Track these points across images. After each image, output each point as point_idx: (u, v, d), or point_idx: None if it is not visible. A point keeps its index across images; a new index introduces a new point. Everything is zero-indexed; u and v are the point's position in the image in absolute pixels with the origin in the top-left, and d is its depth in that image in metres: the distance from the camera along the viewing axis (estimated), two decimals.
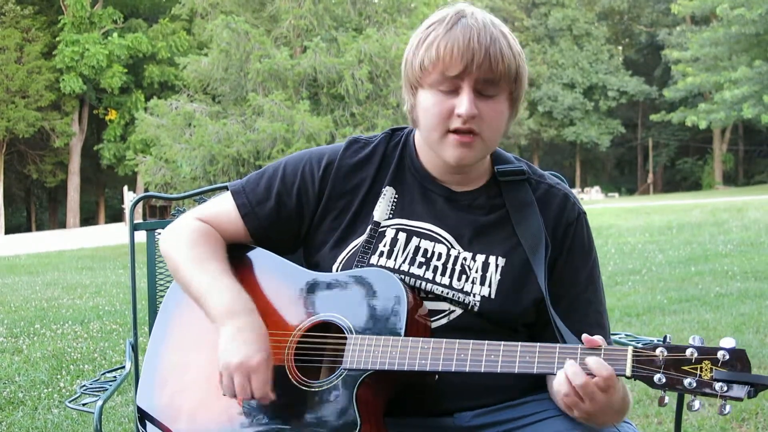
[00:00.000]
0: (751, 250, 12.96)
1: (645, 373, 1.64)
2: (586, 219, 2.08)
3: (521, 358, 1.73)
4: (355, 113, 20.12)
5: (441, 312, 1.96)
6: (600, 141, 61.35)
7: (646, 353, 1.64)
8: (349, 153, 2.09)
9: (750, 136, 63.22)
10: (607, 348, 1.69)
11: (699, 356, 1.60)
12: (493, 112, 1.90)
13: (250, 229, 2.10)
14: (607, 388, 1.66)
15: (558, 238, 2.01)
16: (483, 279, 1.95)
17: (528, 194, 2.04)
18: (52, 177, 46.70)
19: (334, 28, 21.41)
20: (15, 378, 6.08)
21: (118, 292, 11.25)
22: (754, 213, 20.59)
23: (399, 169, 2.07)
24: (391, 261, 1.98)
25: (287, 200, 2.07)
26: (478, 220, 2.02)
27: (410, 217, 2.03)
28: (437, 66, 1.86)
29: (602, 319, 2.02)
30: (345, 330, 1.89)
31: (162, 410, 2.02)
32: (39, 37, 42.10)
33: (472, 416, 1.97)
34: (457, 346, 1.78)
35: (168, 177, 20.07)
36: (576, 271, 2.02)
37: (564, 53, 62.41)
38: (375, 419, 1.85)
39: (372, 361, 1.82)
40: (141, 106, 37.79)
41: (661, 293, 9.15)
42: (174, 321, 2.14)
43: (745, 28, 44.06)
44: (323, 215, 2.06)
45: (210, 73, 20.77)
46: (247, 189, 2.11)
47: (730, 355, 1.58)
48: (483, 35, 1.84)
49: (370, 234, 2.00)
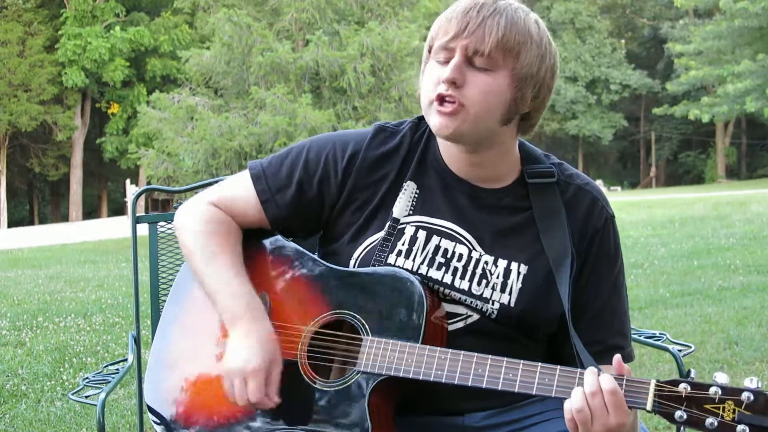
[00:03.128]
0: (753, 243, 12.95)
1: (666, 409, 1.59)
2: (614, 223, 2.00)
3: (540, 380, 1.69)
4: (358, 107, 20.10)
5: (458, 315, 1.91)
6: (602, 135, 61.27)
7: (669, 388, 1.59)
8: (375, 143, 2.00)
9: (753, 129, 63.10)
10: (629, 379, 1.64)
11: (723, 396, 1.56)
12: (483, 85, 1.79)
13: (269, 216, 2.02)
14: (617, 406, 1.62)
15: (584, 245, 1.93)
16: (504, 286, 1.89)
17: (556, 199, 1.95)
18: (55, 170, 46.71)
19: (336, 22, 21.38)
20: (18, 371, 6.09)
21: (121, 285, 11.26)
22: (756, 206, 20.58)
23: (421, 163, 1.99)
24: (409, 261, 1.92)
25: (308, 189, 1.99)
26: (502, 222, 1.94)
27: (432, 214, 1.95)
28: (440, 32, 1.82)
29: (624, 328, 1.96)
30: (360, 330, 1.86)
31: (170, 395, 2.00)
32: (41, 31, 42.08)
33: (482, 417, 1.94)
34: (476, 360, 1.74)
35: (170, 170, 20.07)
36: (601, 278, 1.95)
37: (566, 46, 62.26)
38: (386, 423, 1.83)
39: (387, 366, 1.79)
40: (143, 99, 37.80)
41: (664, 287, 9.14)
42: (184, 306, 2.10)
43: (749, 21, 43.96)
44: (344, 207, 1.99)
45: (212, 67, 20.75)
46: (268, 173, 2.02)
47: (755, 396, 1.54)
48: (489, 6, 1.78)
49: (388, 231, 1.94)
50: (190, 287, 2.08)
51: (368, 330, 1.85)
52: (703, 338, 6.42)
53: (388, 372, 1.79)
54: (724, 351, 6.03)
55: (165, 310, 2.14)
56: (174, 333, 2.08)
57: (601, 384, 1.62)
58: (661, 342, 2.69)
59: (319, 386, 1.85)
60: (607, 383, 1.62)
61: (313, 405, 1.84)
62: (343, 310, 1.90)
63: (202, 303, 2.02)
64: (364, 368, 1.81)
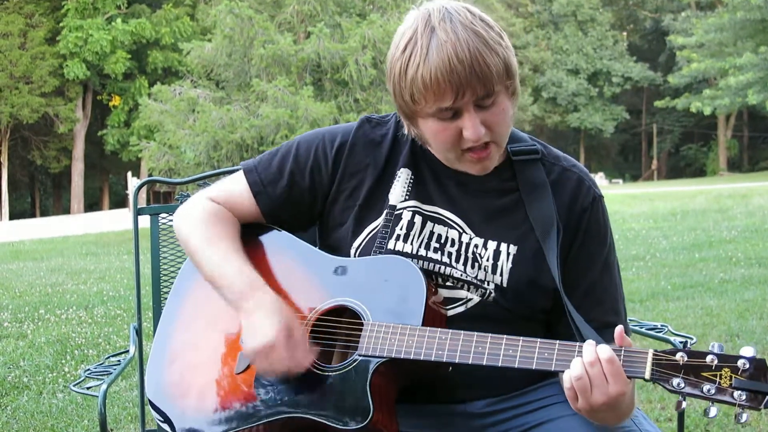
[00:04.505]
0: (755, 236, 12.96)
1: (664, 378, 1.61)
2: (603, 203, 2.02)
3: (540, 355, 1.71)
4: (359, 99, 20.10)
5: (458, 300, 1.93)
6: (604, 127, 61.28)
7: (666, 357, 1.62)
8: (361, 132, 2.06)
9: (755, 122, 63.04)
10: (628, 349, 1.66)
11: (719, 363, 1.58)
12: (498, 117, 1.84)
13: (263, 208, 2.07)
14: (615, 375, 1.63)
15: (572, 224, 1.96)
16: (495, 268, 1.92)
17: (541, 175, 1.98)
18: (56, 163, 46.72)
19: (338, 14, 21.38)
20: (20, 363, 6.11)
21: (122, 278, 11.28)
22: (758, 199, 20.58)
23: (413, 152, 2.03)
24: (408, 245, 1.95)
25: (300, 180, 2.05)
26: (490, 204, 1.98)
27: (425, 201, 1.99)
28: (428, 98, 1.79)
29: (618, 305, 1.98)
30: (362, 316, 1.88)
31: (171, 387, 2.01)
32: (42, 23, 42.05)
33: (484, 404, 1.96)
34: (476, 339, 1.76)
35: (172, 163, 20.09)
36: (591, 257, 1.97)
37: (568, 39, 62.24)
38: (387, 407, 1.84)
39: (388, 348, 1.80)
40: (145, 91, 37.79)
41: (665, 279, 9.15)
42: (186, 300, 2.12)
43: (751, 13, 43.87)
44: (336, 195, 2.04)
45: (214, 59, 20.75)
46: (260, 168, 2.08)
47: (751, 364, 1.57)
48: (461, 51, 1.75)
49: (386, 218, 1.98)
50: (191, 284, 2.11)
51: (369, 315, 1.87)
52: (704, 331, 6.43)
53: (389, 354, 1.80)
54: (726, 343, 6.02)
55: (165, 308, 2.16)
56: (175, 329, 2.10)
57: (599, 354, 1.65)
58: (663, 334, 2.69)
59: (321, 371, 1.86)
60: (605, 353, 1.64)
61: (315, 390, 1.85)
62: (344, 297, 1.92)
63: (204, 299, 2.04)
64: (365, 352, 1.82)
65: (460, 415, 1.96)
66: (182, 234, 2.08)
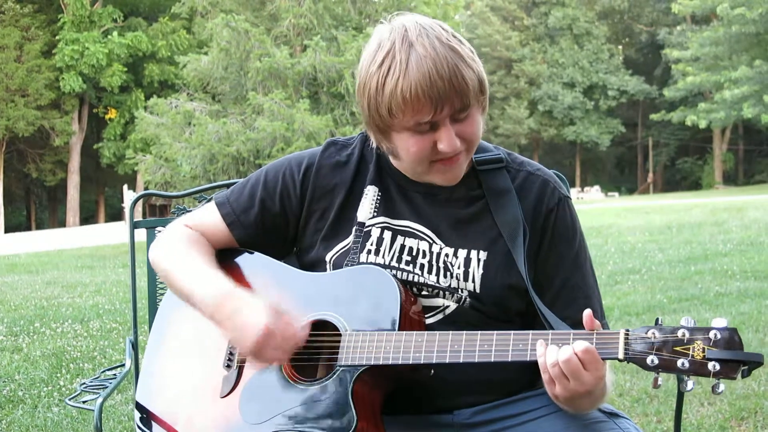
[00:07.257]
0: (750, 249, 12.96)
1: (638, 356, 1.63)
2: (569, 203, 2.06)
3: (514, 346, 1.74)
4: (355, 112, 20.11)
5: (436, 308, 1.96)
6: (600, 140, 61.38)
7: (638, 335, 1.63)
8: (327, 154, 2.10)
9: (750, 135, 63.25)
10: (600, 332, 1.68)
11: (691, 336, 1.60)
12: (471, 129, 1.89)
13: (237, 236, 2.11)
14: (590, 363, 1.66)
15: (539, 226, 1.99)
16: (466, 275, 1.95)
17: (506, 181, 2.02)
18: (52, 176, 46.73)
19: (334, 27, 21.43)
20: (15, 376, 6.08)
21: (118, 291, 11.25)
22: (753, 212, 20.60)
23: (378, 169, 2.07)
24: (380, 258, 1.99)
25: (271, 205, 2.09)
26: (457, 214, 2.01)
27: (393, 216, 2.03)
28: (407, 112, 1.81)
29: (592, 303, 1.98)
30: (339, 328, 1.90)
31: (161, 414, 2.05)
32: (39, 36, 42.13)
33: (471, 413, 1.97)
34: (451, 337, 1.79)
35: (168, 176, 20.10)
36: (561, 257, 2.00)
37: (564, 52, 62.42)
38: (372, 415, 1.85)
39: (366, 356, 1.82)
40: (141, 104, 37.87)
41: (661, 292, 9.14)
42: (170, 325, 2.16)
43: (746, 27, 44.10)
44: (308, 217, 2.08)
45: (210, 72, 20.80)
46: (231, 199, 2.13)
47: (722, 334, 1.58)
48: (441, 66, 1.78)
49: (356, 235, 2.01)
50: (173, 314, 2.15)
51: (347, 326, 1.89)
52: None
53: (368, 362, 1.82)
54: None
55: (151, 334, 2.20)
56: (160, 355, 2.14)
57: (575, 348, 1.67)
58: None
59: (302, 386, 1.88)
60: (579, 345, 1.66)
61: (299, 404, 1.87)
62: (321, 311, 1.94)
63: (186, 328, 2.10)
64: (345, 362, 1.84)
65: (449, 426, 1.97)
66: (157, 257, 2.11)
